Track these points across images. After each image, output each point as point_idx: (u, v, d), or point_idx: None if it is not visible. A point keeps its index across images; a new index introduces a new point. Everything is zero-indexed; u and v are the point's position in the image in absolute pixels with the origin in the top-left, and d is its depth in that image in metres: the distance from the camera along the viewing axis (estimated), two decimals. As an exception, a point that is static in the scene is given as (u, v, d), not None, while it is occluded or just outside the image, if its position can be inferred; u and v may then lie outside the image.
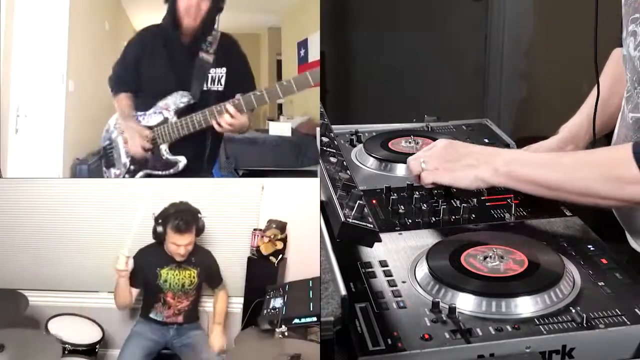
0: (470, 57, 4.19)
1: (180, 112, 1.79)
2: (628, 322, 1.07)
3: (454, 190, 1.46)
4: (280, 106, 2.88)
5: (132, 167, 1.88)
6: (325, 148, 1.48)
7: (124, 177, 1.89)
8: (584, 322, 1.07)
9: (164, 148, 1.81)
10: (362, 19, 4.24)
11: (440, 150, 1.42)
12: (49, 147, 2.31)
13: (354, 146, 1.80)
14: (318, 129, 1.61)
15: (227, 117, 1.69)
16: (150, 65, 1.82)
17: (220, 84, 1.76)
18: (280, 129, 2.67)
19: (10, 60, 2.17)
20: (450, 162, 1.39)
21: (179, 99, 1.78)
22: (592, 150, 1.37)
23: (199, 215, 1.78)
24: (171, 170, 1.84)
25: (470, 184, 1.36)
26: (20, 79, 2.22)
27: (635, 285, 1.17)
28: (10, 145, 2.19)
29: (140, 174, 1.88)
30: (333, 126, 1.68)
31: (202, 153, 1.86)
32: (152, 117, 1.82)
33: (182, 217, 1.75)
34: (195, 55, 1.77)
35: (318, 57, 2.45)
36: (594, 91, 1.52)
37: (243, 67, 1.82)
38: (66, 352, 1.70)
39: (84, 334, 1.76)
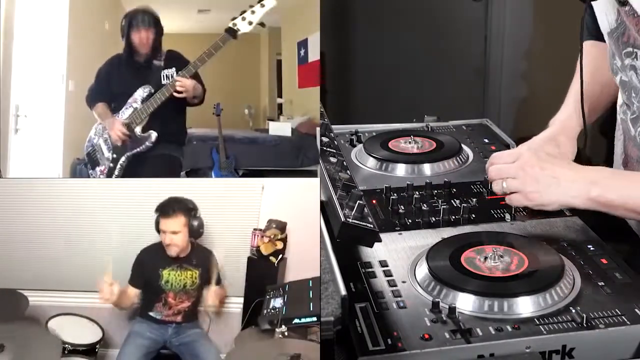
0: (470, 57, 4.19)
1: (145, 100, 2.19)
2: (628, 322, 1.07)
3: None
4: (280, 106, 2.87)
5: (114, 156, 2.19)
6: (325, 148, 1.48)
7: (109, 168, 2.20)
8: (584, 322, 1.07)
9: (138, 130, 2.18)
10: (362, 19, 4.24)
11: (525, 167, 1.32)
12: (49, 147, 2.31)
13: (354, 146, 1.80)
14: (318, 129, 1.61)
15: (178, 82, 2.13)
16: (118, 79, 2.25)
17: (173, 78, 2.19)
18: (280, 129, 2.66)
19: (10, 60, 2.17)
20: (536, 183, 1.30)
21: (142, 91, 2.19)
22: None
23: (195, 212, 1.79)
24: (147, 143, 2.17)
25: (554, 209, 1.32)
26: (20, 79, 2.22)
27: (635, 285, 1.18)
28: (10, 145, 2.19)
29: (123, 158, 2.18)
30: (333, 126, 1.68)
31: (169, 124, 2.23)
32: (124, 113, 2.19)
33: (171, 203, 1.79)
34: (151, 65, 2.23)
35: (318, 57, 2.45)
36: (575, 82, 1.54)
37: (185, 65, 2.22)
38: (66, 352, 1.69)
39: (84, 334, 1.76)
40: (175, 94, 2.15)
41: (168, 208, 1.78)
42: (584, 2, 1.35)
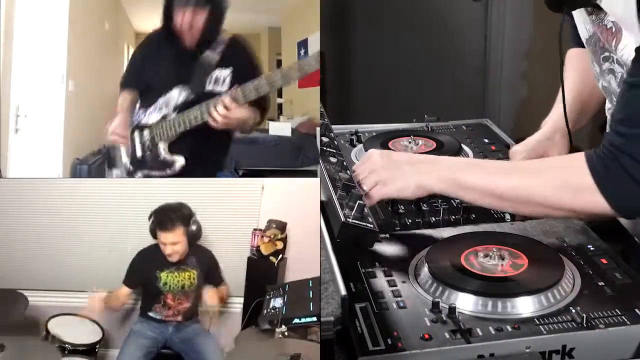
0: (470, 57, 4.19)
1: (180, 109, 1.71)
2: (628, 322, 1.07)
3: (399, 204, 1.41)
4: (280, 106, 2.88)
5: (131, 168, 1.86)
6: (325, 148, 1.48)
7: (123, 177, 1.89)
8: (584, 322, 1.07)
9: (162, 147, 1.75)
10: (362, 19, 4.24)
11: (376, 161, 1.35)
12: (49, 147, 2.31)
13: (354, 146, 1.80)
14: (318, 129, 1.61)
15: (221, 109, 1.58)
16: (155, 65, 1.78)
17: (225, 85, 1.68)
18: (280, 129, 2.66)
19: (11, 60, 2.17)
20: (389, 171, 1.33)
21: (177, 94, 1.72)
22: (543, 159, 1.35)
23: (192, 218, 1.78)
24: (168, 171, 1.77)
25: (412, 193, 1.32)
26: (20, 79, 2.22)
27: (635, 285, 1.18)
28: (10, 145, 2.19)
29: (139, 174, 1.85)
30: (333, 126, 1.68)
31: (203, 154, 1.79)
32: (152, 115, 1.77)
33: (167, 214, 1.75)
34: (200, 54, 1.70)
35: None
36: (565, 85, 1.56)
37: (251, 68, 1.72)
38: (66, 352, 1.70)
39: (84, 334, 1.76)
40: (210, 122, 1.62)
41: (166, 220, 1.74)
42: (563, 14, 1.36)
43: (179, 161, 1.75)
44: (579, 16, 1.40)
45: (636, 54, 1.17)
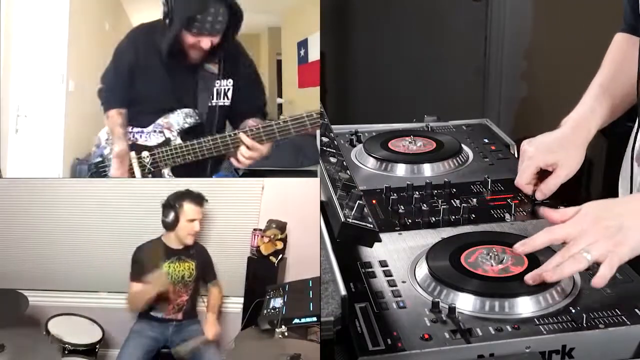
0: (470, 57, 4.19)
1: (185, 133, 1.58)
2: (628, 322, 1.07)
3: None
4: (280, 106, 2.88)
5: None
6: (325, 148, 1.48)
7: None
8: (584, 322, 1.07)
9: (166, 172, 1.64)
10: (362, 19, 4.24)
11: (596, 223, 1.15)
12: (49, 147, 2.31)
13: (354, 146, 1.80)
14: (318, 129, 1.61)
15: (245, 151, 1.47)
16: (145, 75, 1.60)
17: (227, 98, 1.57)
18: (281, 129, 2.66)
19: (10, 60, 2.17)
20: (614, 231, 1.14)
21: (183, 118, 1.57)
22: None
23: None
24: None
25: None
26: (20, 79, 2.22)
27: (635, 285, 1.17)
28: (10, 145, 2.19)
29: None
30: (333, 126, 1.68)
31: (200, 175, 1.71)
32: (151, 137, 1.61)
33: (191, 193, 1.81)
34: (199, 69, 1.55)
35: (318, 57, 2.45)
36: (598, 76, 1.46)
37: (251, 76, 1.62)
38: (66, 352, 1.70)
39: (84, 334, 1.76)
40: (233, 162, 1.50)
41: (196, 195, 1.79)
42: None
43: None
44: None
45: None
